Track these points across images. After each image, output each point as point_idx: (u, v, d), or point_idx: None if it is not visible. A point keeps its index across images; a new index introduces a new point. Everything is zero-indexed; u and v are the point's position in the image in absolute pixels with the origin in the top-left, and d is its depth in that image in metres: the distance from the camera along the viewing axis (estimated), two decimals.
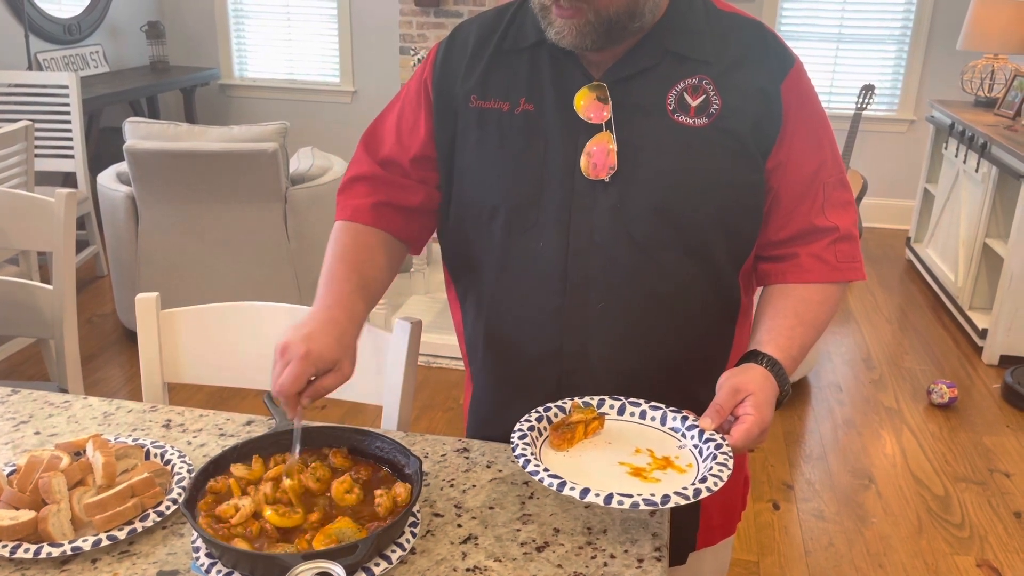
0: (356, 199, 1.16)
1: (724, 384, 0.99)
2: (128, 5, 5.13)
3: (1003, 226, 3.39)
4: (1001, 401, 3.03)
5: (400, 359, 1.21)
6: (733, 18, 1.08)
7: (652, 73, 1.05)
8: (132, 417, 1.17)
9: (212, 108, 5.58)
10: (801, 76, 1.08)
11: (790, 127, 1.06)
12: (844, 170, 1.12)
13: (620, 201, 1.04)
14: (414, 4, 4.78)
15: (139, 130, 3.01)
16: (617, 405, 1.04)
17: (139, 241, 3.10)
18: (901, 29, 4.68)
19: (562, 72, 1.06)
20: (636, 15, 1.00)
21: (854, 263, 1.12)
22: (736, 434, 0.95)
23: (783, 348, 1.04)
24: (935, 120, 4.21)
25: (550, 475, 0.89)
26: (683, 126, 1.03)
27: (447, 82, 1.11)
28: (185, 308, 1.29)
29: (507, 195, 1.08)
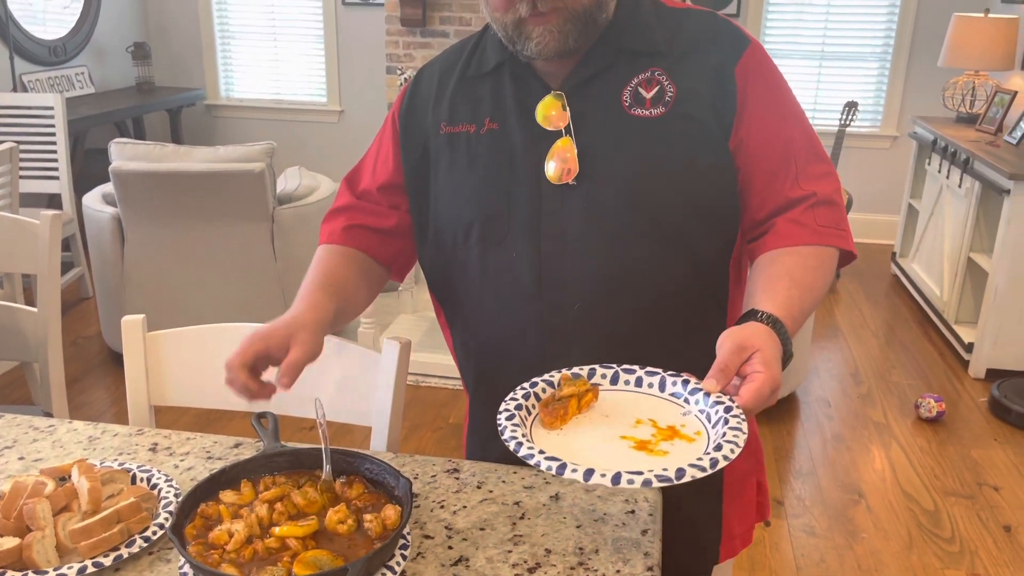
0: (332, 224, 1.21)
1: (725, 341, 0.91)
2: (114, 26, 5.13)
3: (987, 240, 3.42)
4: (988, 414, 3.05)
5: (389, 379, 1.21)
6: (683, 12, 1.11)
7: (607, 74, 1.08)
8: (118, 441, 1.16)
9: (198, 129, 5.57)
10: (756, 56, 1.08)
11: (748, 106, 1.06)
12: (818, 144, 1.11)
13: (588, 202, 1.05)
14: (400, 24, 4.80)
15: (125, 151, 3.00)
16: (610, 374, 0.99)
17: (125, 262, 3.08)
18: (883, 46, 4.74)
19: (522, 88, 1.10)
20: (602, 5, 1.04)
21: (838, 230, 1.08)
22: (746, 394, 0.87)
23: (782, 306, 0.97)
24: (918, 136, 4.25)
25: (547, 457, 0.83)
26: (640, 118, 1.05)
27: (414, 115, 1.17)
28: (171, 330, 1.28)
29: (479, 210, 1.10)
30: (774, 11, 4.78)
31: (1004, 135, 3.63)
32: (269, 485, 0.98)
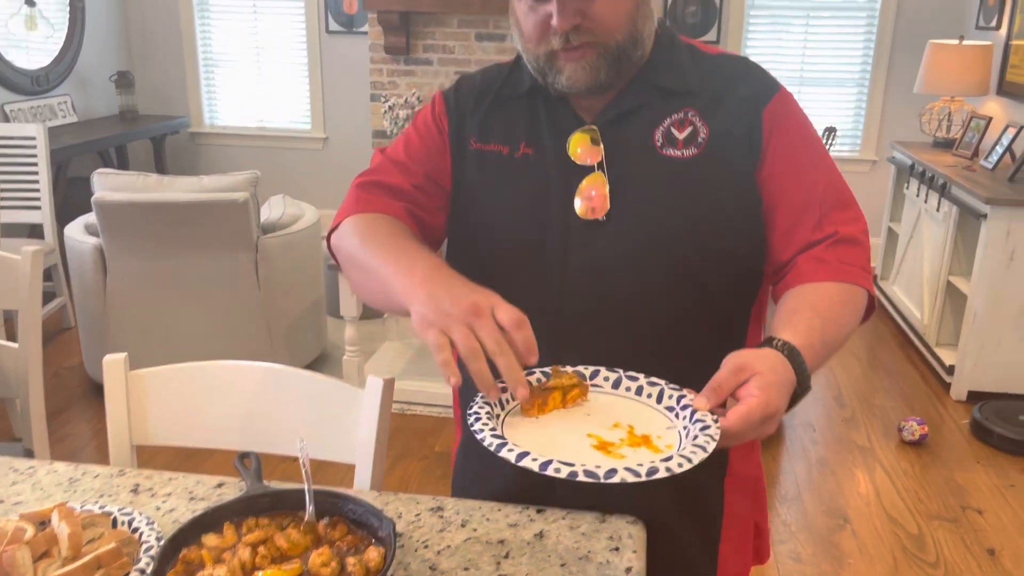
0: (390, 203, 1.13)
1: (728, 361, 0.89)
2: (97, 55, 5.13)
3: (965, 264, 3.46)
4: (971, 437, 3.07)
5: (372, 416, 1.21)
6: (717, 56, 1.13)
7: (640, 112, 1.08)
8: (99, 483, 1.15)
9: (182, 156, 5.57)
10: (786, 102, 1.09)
11: (773, 149, 1.07)
12: (845, 191, 1.10)
13: (616, 239, 1.05)
14: (384, 52, 4.84)
15: (108, 181, 3.00)
16: (613, 377, 0.97)
17: (107, 292, 3.07)
18: (860, 72, 4.81)
19: (556, 117, 1.10)
20: (638, 42, 1.05)
21: (862, 270, 1.04)
22: (732, 416, 0.84)
23: (802, 335, 0.93)
24: (896, 161, 4.31)
25: (493, 434, 0.83)
26: (672, 159, 1.06)
27: (459, 121, 1.15)
28: (154, 369, 1.28)
29: (507, 237, 1.10)
30: (753, 36, 4.84)
31: (980, 160, 3.68)
32: (252, 527, 0.97)
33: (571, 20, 1.00)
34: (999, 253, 3.14)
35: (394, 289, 0.98)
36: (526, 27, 1.06)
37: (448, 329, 0.87)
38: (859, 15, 4.71)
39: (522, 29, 1.07)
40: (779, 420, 0.89)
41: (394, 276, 0.98)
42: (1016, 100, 3.81)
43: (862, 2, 4.69)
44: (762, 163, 1.07)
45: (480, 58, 4.75)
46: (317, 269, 3.47)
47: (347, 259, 1.12)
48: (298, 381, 1.26)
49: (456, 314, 0.88)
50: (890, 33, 4.67)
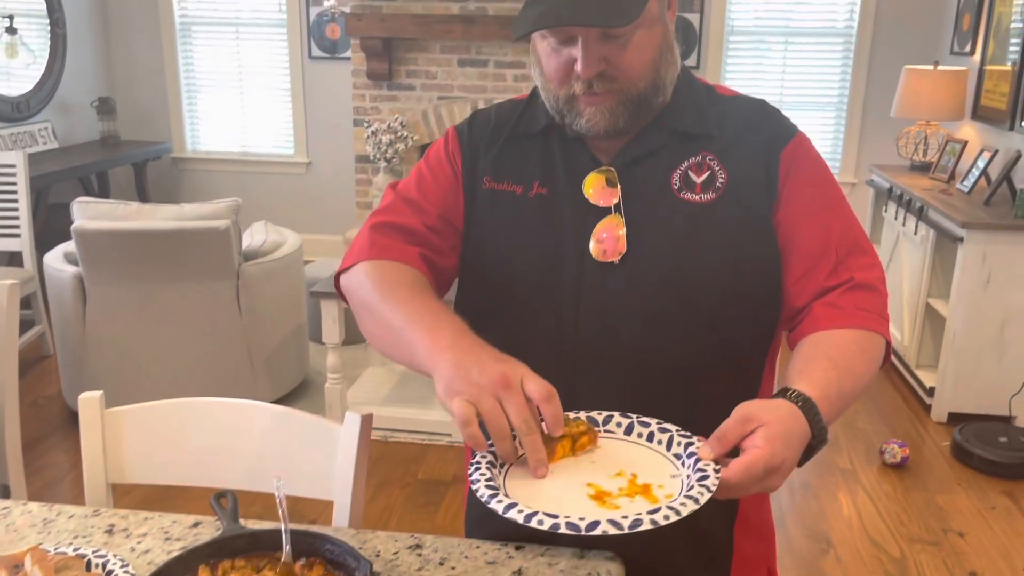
0: (403, 248, 1.12)
1: (737, 410, 0.88)
2: (79, 81, 5.13)
3: (944, 286, 3.50)
4: (951, 459, 3.09)
5: (350, 453, 1.20)
6: (735, 99, 1.13)
7: (658, 155, 1.08)
8: (73, 523, 1.14)
9: (164, 182, 5.55)
10: (803, 146, 1.09)
11: (789, 193, 1.06)
12: (862, 237, 1.09)
13: (630, 283, 1.05)
14: (367, 78, 4.86)
15: (88, 210, 2.98)
16: (625, 423, 0.97)
17: (86, 321, 3.05)
18: (838, 96, 4.87)
19: (572, 157, 1.10)
20: (659, 89, 1.05)
21: (874, 314, 1.02)
22: (734, 467, 0.82)
23: (818, 386, 0.91)
24: (874, 184, 4.36)
25: (487, 484, 0.84)
26: (690, 203, 1.05)
27: (472, 159, 1.14)
28: (130, 406, 1.27)
29: (520, 278, 1.09)
30: (733, 61, 4.90)
31: (957, 183, 3.73)
32: (228, 570, 0.96)
33: (596, 67, 1.00)
34: (976, 276, 3.18)
35: (417, 351, 0.97)
36: (547, 68, 1.05)
37: (477, 400, 0.87)
38: (836, 40, 4.78)
39: (543, 69, 1.06)
40: (787, 474, 0.87)
41: (418, 339, 0.98)
42: (990, 124, 3.87)
43: (839, 28, 4.76)
44: (777, 206, 1.06)
45: (463, 83, 4.78)
46: (299, 295, 3.46)
47: (361, 305, 1.11)
48: (275, 417, 1.26)
49: (485, 385, 0.87)
50: (866, 58, 4.74)
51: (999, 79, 3.80)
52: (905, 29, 4.67)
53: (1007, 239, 3.13)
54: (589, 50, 0.99)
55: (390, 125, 4.70)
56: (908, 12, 4.65)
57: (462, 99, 4.81)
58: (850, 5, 4.72)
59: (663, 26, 1.04)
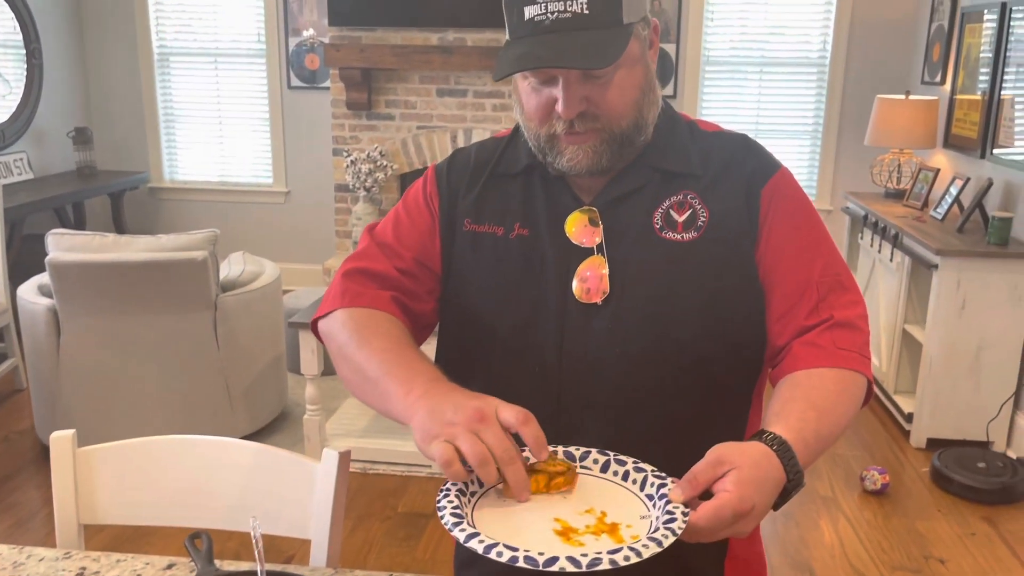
0: (375, 292, 1.12)
1: (710, 452, 0.87)
2: (55, 111, 5.10)
3: (920, 312, 3.53)
4: (931, 485, 3.10)
5: (328, 491, 1.18)
6: (716, 135, 1.13)
7: (639, 194, 1.07)
8: (44, 567, 1.11)
9: (141, 212, 5.52)
10: (784, 182, 1.09)
11: (770, 231, 1.06)
12: (845, 274, 1.09)
13: (614, 323, 1.04)
14: (346, 107, 4.87)
15: (62, 242, 2.95)
16: (602, 460, 0.96)
17: (60, 354, 3.00)
18: (813, 124, 4.94)
19: (553, 197, 1.09)
20: (642, 128, 1.05)
21: (853, 353, 1.02)
22: (701, 511, 0.82)
23: (794, 429, 0.91)
24: (850, 211, 4.41)
25: (453, 512, 0.84)
26: (672, 242, 1.05)
27: (451, 201, 1.14)
28: (104, 445, 1.24)
29: (502, 320, 1.08)
30: (709, 89, 4.96)
31: (930, 210, 3.78)
32: None
33: (577, 108, 1.00)
34: (951, 302, 3.21)
35: (392, 402, 0.97)
36: (528, 107, 1.05)
37: (454, 438, 0.86)
38: (810, 70, 4.86)
39: (524, 108, 1.06)
40: (759, 518, 0.86)
41: (393, 390, 0.97)
42: (961, 152, 3.93)
43: (813, 58, 4.84)
44: (758, 243, 1.06)
45: (442, 113, 4.80)
46: (278, 326, 3.43)
47: (338, 352, 1.10)
48: (251, 454, 1.24)
49: (461, 422, 0.87)
50: (840, 87, 4.81)
51: (969, 108, 3.87)
52: (877, 59, 4.75)
53: (981, 266, 3.17)
54: (570, 91, 1.00)
55: (369, 154, 4.71)
56: (879, 43, 4.74)
57: (441, 128, 4.83)
58: (823, 36, 4.80)
59: (644, 66, 1.04)
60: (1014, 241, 3.27)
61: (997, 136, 3.58)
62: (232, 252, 3.66)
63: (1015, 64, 3.47)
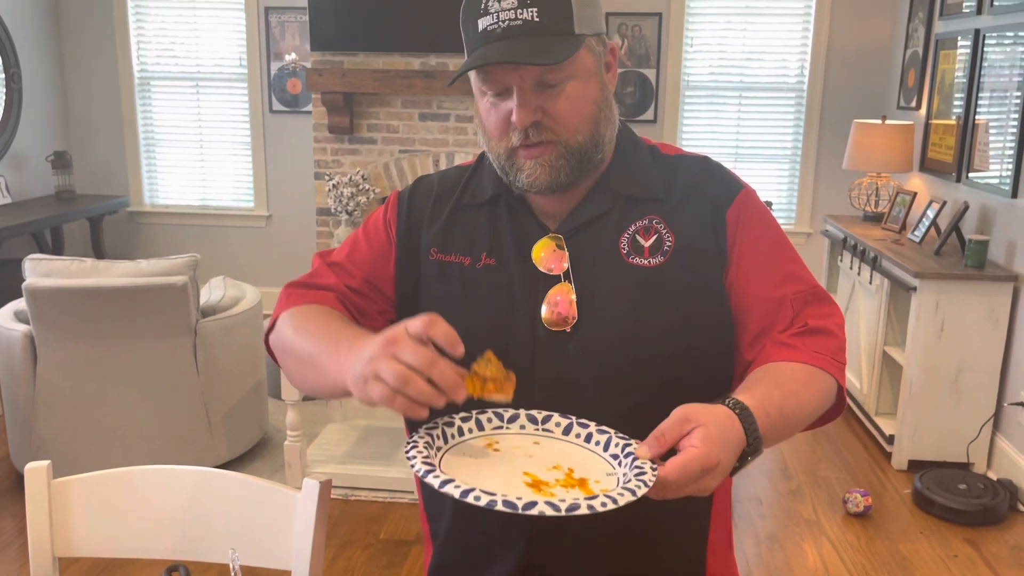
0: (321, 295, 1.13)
1: (675, 411, 0.89)
2: (34, 135, 5.07)
3: (899, 334, 3.56)
4: (913, 507, 3.10)
5: (309, 520, 1.17)
6: (678, 158, 1.13)
7: (605, 219, 1.08)
8: None
9: (121, 236, 5.47)
10: (748, 202, 1.09)
11: (739, 253, 1.06)
12: (816, 287, 1.09)
13: (584, 349, 1.04)
14: (328, 131, 4.87)
15: (40, 267, 2.92)
16: (564, 424, 0.98)
17: (37, 381, 2.96)
18: (792, 148, 4.99)
19: (519, 225, 1.09)
20: (599, 145, 1.05)
21: (834, 359, 1.03)
22: (670, 465, 0.84)
23: (758, 400, 0.93)
24: (829, 234, 4.45)
25: (424, 461, 0.85)
26: (639, 268, 1.05)
27: (411, 232, 1.14)
28: (80, 476, 1.22)
29: (474, 347, 1.06)
30: (689, 114, 5.00)
31: (908, 233, 3.82)
32: None
33: (531, 116, 1.01)
34: (930, 325, 3.24)
35: (327, 370, 0.98)
36: (488, 124, 1.06)
37: (377, 372, 0.86)
38: (788, 95, 4.92)
39: (485, 126, 1.07)
40: (722, 476, 0.88)
41: (325, 359, 0.98)
42: (937, 176, 3.98)
43: (791, 83, 4.90)
44: (729, 264, 1.06)
45: (424, 137, 4.81)
46: (258, 351, 3.40)
47: (283, 353, 1.11)
48: (230, 484, 1.22)
49: (377, 354, 0.87)
50: (818, 112, 4.87)
51: (944, 133, 3.92)
52: (853, 84, 4.82)
53: (958, 288, 3.21)
54: (524, 98, 1.01)
55: (351, 178, 4.70)
56: (856, 68, 4.81)
57: (424, 152, 4.84)
58: (800, 61, 4.87)
59: (600, 82, 1.05)
60: (990, 264, 3.31)
61: (972, 160, 3.63)
62: (213, 276, 3.63)
63: (989, 89, 3.53)
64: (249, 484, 1.21)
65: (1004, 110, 3.37)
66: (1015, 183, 3.22)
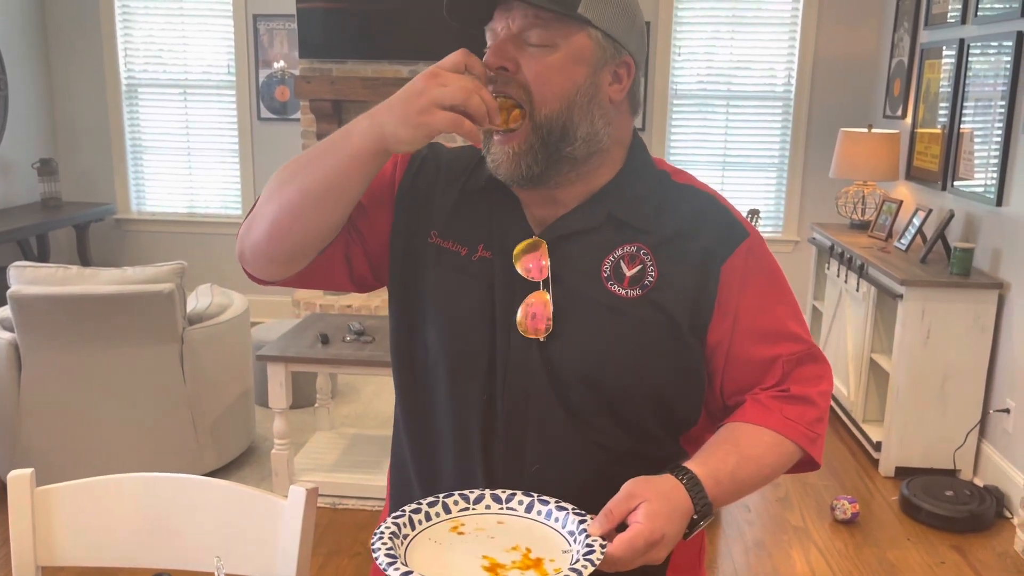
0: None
1: (624, 487, 0.92)
2: (20, 142, 5.04)
3: (886, 341, 3.58)
4: (900, 513, 3.11)
5: (295, 529, 1.16)
6: (685, 190, 1.08)
7: (592, 236, 1.04)
8: None
9: (107, 244, 5.45)
10: (752, 256, 1.05)
11: (733, 306, 1.03)
12: (811, 348, 1.08)
13: (552, 363, 1.02)
14: (316, 139, 4.86)
15: (25, 275, 2.90)
16: (527, 501, 1.00)
17: (21, 390, 2.94)
18: (779, 157, 5.02)
19: (506, 223, 1.07)
20: (569, 136, 1.00)
21: (807, 429, 1.03)
22: (616, 543, 0.88)
23: (710, 468, 0.96)
24: (816, 242, 4.47)
25: (387, 552, 0.88)
26: (615, 295, 1.02)
27: (415, 193, 1.10)
28: (63, 484, 1.21)
29: (456, 341, 1.06)
30: (677, 122, 5.03)
31: (894, 241, 3.85)
32: None
33: (500, 59, 0.98)
34: (916, 332, 3.26)
35: (348, 141, 0.98)
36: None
37: (438, 99, 0.91)
38: (776, 104, 4.95)
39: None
40: (670, 546, 0.92)
41: (342, 135, 0.99)
42: (923, 184, 4.01)
43: (778, 92, 4.93)
44: (718, 322, 1.03)
45: None
46: (246, 359, 3.39)
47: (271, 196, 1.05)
48: (216, 491, 1.21)
49: (426, 87, 0.92)
50: (805, 120, 4.90)
51: (930, 141, 3.95)
52: (840, 93, 4.86)
53: (944, 296, 3.23)
54: (502, 41, 0.99)
55: None
56: (842, 77, 4.84)
57: None
58: (787, 70, 4.90)
59: (591, 74, 1.00)
60: (976, 271, 3.34)
61: (957, 169, 3.66)
62: (200, 284, 3.62)
63: (973, 98, 3.56)
64: (235, 492, 1.21)
65: (988, 119, 3.40)
66: (1000, 191, 3.24)
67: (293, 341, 3.12)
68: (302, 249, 1.06)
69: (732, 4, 4.85)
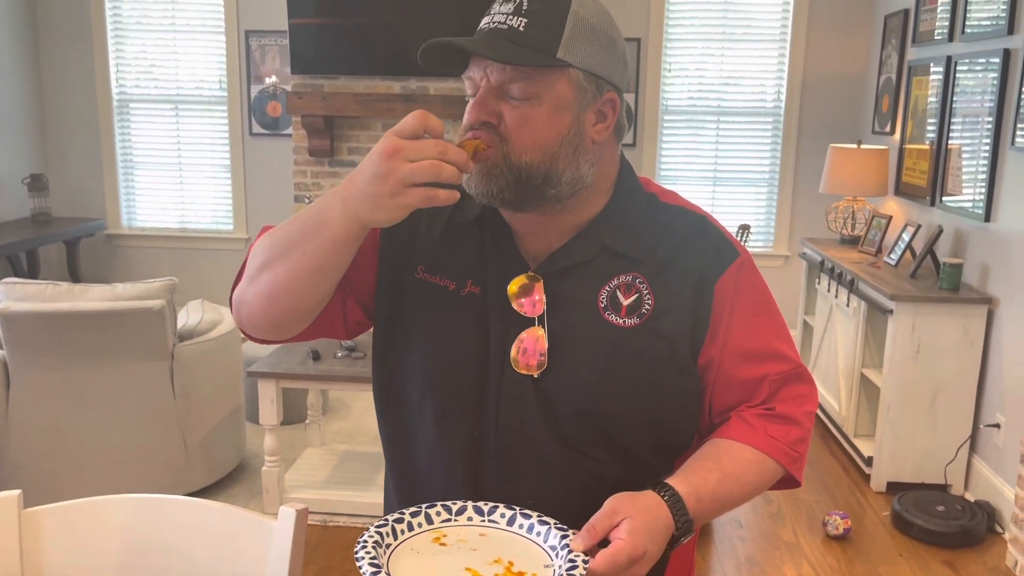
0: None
1: (606, 503, 0.93)
2: (10, 158, 5.03)
3: (877, 356, 3.59)
4: (892, 528, 3.11)
5: (284, 550, 1.15)
6: (676, 211, 1.08)
7: (587, 267, 1.04)
8: None
9: (98, 260, 5.43)
10: (743, 275, 1.05)
11: (724, 327, 1.04)
12: (798, 367, 1.08)
13: (547, 397, 1.02)
14: (308, 154, 4.87)
15: (14, 291, 2.89)
16: (509, 515, 1.00)
17: (9, 407, 2.92)
18: (770, 172, 5.05)
19: (500, 256, 1.06)
20: (552, 180, 0.99)
21: (788, 448, 1.04)
22: (599, 558, 0.88)
23: (692, 486, 0.97)
24: (807, 256, 4.49)
25: (371, 562, 0.88)
26: (613, 325, 1.02)
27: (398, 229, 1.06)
28: (51, 506, 1.20)
29: (445, 378, 1.06)
30: (668, 137, 5.05)
31: (884, 256, 3.87)
32: None
33: (481, 115, 0.98)
34: (906, 347, 3.27)
35: (326, 227, 0.96)
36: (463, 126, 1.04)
37: (405, 179, 0.89)
38: (766, 119, 4.98)
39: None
40: (652, 562, 0.92)
41: (315, 221, 0.98)
42: (912, 200, 4.04)
43: (768, 107, 4.96)
44: (711, 339, 1.04)
45: None
46: (237, 376, 3.37)
47: (259, 269, 1.06)
48: (205, 512, 1.20)
49: (389, 168, 0.89)
50: (794, 136, 4.94)
51: (918, 157, 3.98)
52: (829, 109, 4.89)
53: (934, 311, 3.24)
54: (482, 96, 0.98)
55: None
56: (831, 94, 4.88)
57: None
58: (777, 86, 4.93)
59: (574, 120, 0.99)
60: (965, 286, 3.35)
61: (946, 184, 3.69)
62: (191, 300, 3.61)
63: (961, 115, 3.59)
64: (224, 513, 1.20)
65: (976, 135, 3.43)
66: (988, 207, 3.27)
67: (284, 357, 3.11)
68: (303, 315, 1.07)
69: (722, 21, 4.89)
